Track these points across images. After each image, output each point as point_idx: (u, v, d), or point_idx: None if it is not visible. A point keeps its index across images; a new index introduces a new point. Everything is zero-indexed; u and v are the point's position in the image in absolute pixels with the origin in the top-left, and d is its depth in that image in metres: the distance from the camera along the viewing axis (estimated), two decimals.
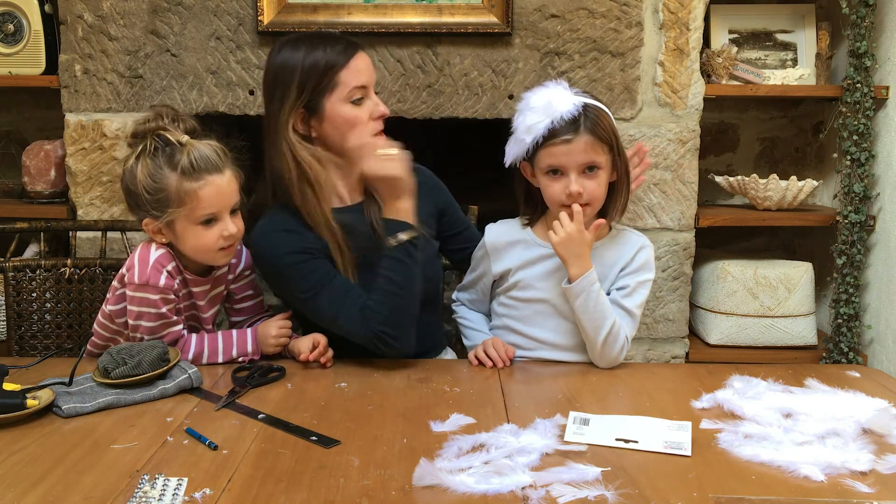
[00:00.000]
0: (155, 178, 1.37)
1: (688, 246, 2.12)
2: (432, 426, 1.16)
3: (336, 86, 1.44)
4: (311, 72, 1.43)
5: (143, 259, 1.40)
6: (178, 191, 1.37)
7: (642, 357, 2.16)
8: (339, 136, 1.47)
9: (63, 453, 1.07)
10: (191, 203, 1.37)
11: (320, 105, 1.45)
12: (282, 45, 1.48)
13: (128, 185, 1.40)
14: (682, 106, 2.06)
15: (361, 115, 1.47)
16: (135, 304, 1.40)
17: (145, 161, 1.38)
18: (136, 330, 1.42)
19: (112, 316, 1.48)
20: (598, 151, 1.40)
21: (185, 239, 1.41)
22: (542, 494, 0.95)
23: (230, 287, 1.56)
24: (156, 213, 1.39)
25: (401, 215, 1.44)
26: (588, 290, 1.40)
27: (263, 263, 1.51)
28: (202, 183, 1.37)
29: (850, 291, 2.13)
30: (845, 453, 1.06)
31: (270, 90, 1.48)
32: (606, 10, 2.01)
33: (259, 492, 0.96)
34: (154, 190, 1.37)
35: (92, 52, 2.01)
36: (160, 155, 1.38)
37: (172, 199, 1.37)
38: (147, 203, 1.38)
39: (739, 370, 1.38)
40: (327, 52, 1.44)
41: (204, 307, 1.50)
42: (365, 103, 1.47)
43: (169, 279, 1.40)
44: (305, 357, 1.43)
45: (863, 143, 2.09)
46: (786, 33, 2.28)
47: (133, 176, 1.38)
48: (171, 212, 1.37)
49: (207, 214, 1.39)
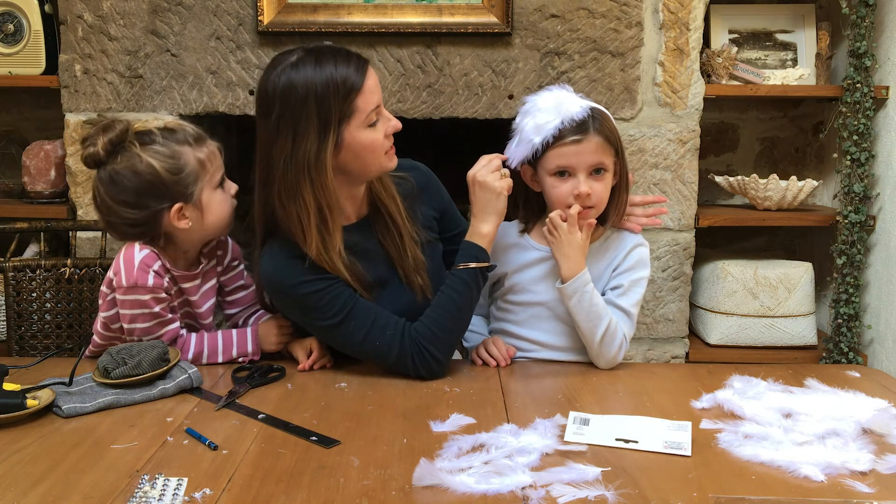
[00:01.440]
0: (175, 157, 1.37)
1: (688, 246, 2.12)
2: (432, 426, 1.15)
3: (353, 113, 1.32)
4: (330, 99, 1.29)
5: (129, 261, 1.39)
6: (198, 160, 1.39)
7: (642, 357, 2.16)
8: (359, 163, 1.37)
9: (63, 453, 1.07)
10: (208, 168, 1.41)
11: (340, 136, 1.33)
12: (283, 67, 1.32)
13: (141, 183, 1.35)
14: (682, 106, 2.06)
15: (379, 137, 1.36)
16: (127, 307, 1.40)
17: (150, 150, 1.37)
18: (131, 333, 1.41)
19: (107, 323, 1.47)
20: (607, 153, 1.40)
21: (210, 209, 1.42)
22: (542, 494, 0.95)
23: (220, 279, 1.55)
24: (185, 194, 1.39)
25: (482, 242, 1.43)
26: (581, 291, 1.41)
27: (280, 295, 1.42)
28: (209, 147, 1.42)
29: (850, 291, 2.13)
30: (845, 453, 1.06)
31: (277, 120, 1.31)
32: (606, 10, 2.01)
33: (259, 492, 0.96)
34: (177, 169, 1.37)
35: (92, 52, 2.01)
36: (163, 138, 1.38)
37: (196, 170, 1.39)
38: (172, 187, 1.37)
39: (739, 370, 1.38)
40: (339, 75, 1.30)
41: (198, 302, 1.49)
42: (380, 123, 1.37)
43: (157, 278, 1.39)
44: (303, 367, 1.43)
45: (863, 143, 2.09)
46: (786, 33, 2.28)
47: (150, 167, 1.35)
48: (200, 184, 1.40)
49: (220, 175, 1.44)
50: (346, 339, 1.39)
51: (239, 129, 2.53)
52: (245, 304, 1.59)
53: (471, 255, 1.42)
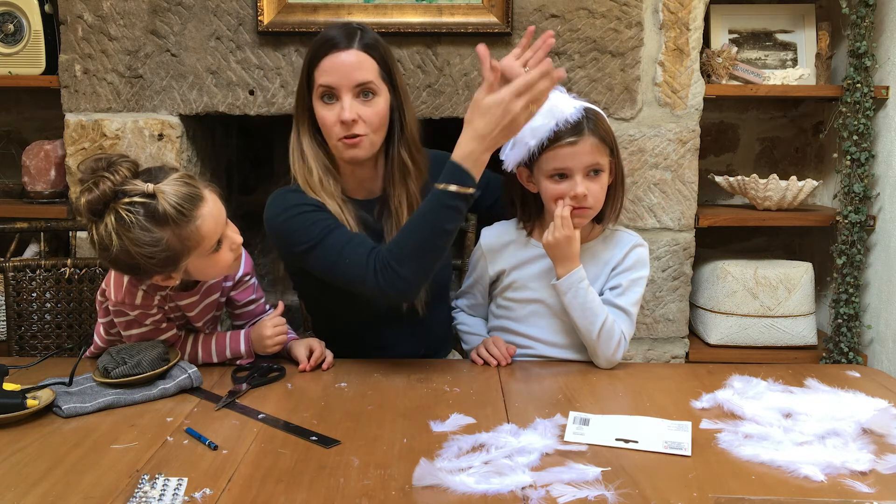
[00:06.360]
0: (151, 243, 1.24)
1: (688, 246, 2.12)
2: (432, 426, 1.16)
3: (313, 82, 1.44)
4: (305, 65, 1.46)
5: (118, 280, 1.37)
6: (180, 241, 1.26)
7: (642, 357, 2.16)
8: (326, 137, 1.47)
9: (63, 453, 1.07)
10: (198, 243, 1.29)
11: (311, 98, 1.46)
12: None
13: (125, 263, 1.27)
14: (682, 106, 2.06)
15: (328, 116, 1.43)
16: (119, 317, 1.41)
17: (127, 234, 1.23)
18: (129, 339, 1.42)
19: (106, 328, 1.47)
20: (602, 153, 1.40)
21: (202, 272, 1.36)
22: (542, 494, 0.95)
23: (230, 294, 1.53)
24: (170, 269, 1.30)
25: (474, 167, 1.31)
26: (576, 287, 1.41)
27: (270, 223, 1.48)
28: (198, 221, 1.28)
29: (850, 291, 2.13)
30: (845, 453, 1.06)
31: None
32: (606, 10, 2.01)
33: (259, 492, 0.96)
34: (155, 254, 1.25)
35: (92, 52, 2.01)
36: (139, 219, 1.23)
37: (180, 251, 1.27)
38: (154, 266, 1.27)
39: (739, 370, 1.38)
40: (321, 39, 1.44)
41: (195, 317, 1.47)
42: (335, 105, 1.42)
43: (147, 298, 1.37)
44: (304, 367, 1.42)
45: (863, 143, 2.09)
46: (786, 33, 2.28)
47: (126, 253, 1.24)
48: (184, 262, 1.30)
49: (215, 242, 1.33)
50: (321, 260, 1.42)
51: (239, 129, 2.54)
52: (254, 316, 1.57)
53: (455, 178, 1.31)
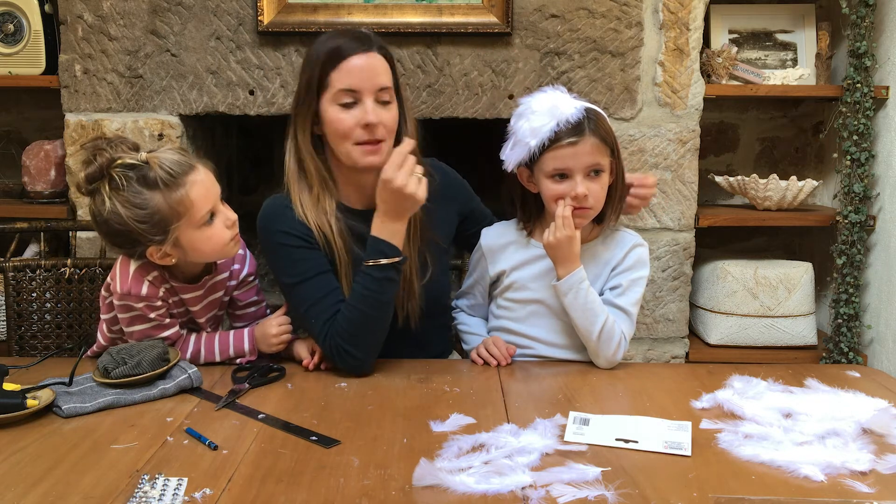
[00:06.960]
0: (141, 206, 1.29)
1: (688, 246, 2.12)
2: (432, 426, 1.15)
3: (327, 85, 1.40)
4: (315, 68, 1.41)
5: (124, 270, 1.38)
6: (170, 205, 1.30)
7: (642, 357, 2.16)
8: (334, 142, 1.43)
9: (63, 453, 1.07)
10: (187, 209, 1.32)
11: (319, 104, 1.42)
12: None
13: (115, 227, 1.31)
14: (682, 106, 2.06)
15: (345, 119, 1.40)
16: (122, 312, 1.40)
17: (118, 195, 1.29)
18: (130, 336, 1.42)
19: (109, 325, 1.47)
20: (603, 154, 1.40)
21: (196, 247, 1.36)
22: (542, 494, 0.95)
23: (233, 293, 1.53)
24: (159, 238, 1.32)
25: (393, 238, 1.39)
26: (577, 288, 1.41)
27: (263, 236, 1.47)
28: (188, 186, 1.31)
29: (850, 291, 2.13)
30: (845, 453, 1.06)
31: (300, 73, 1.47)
32: (606, 10, 2.01)
33: (259, 492, 0.96)
34: (145, 217, 1.30)
35: (92, 52, 2.01)
36: (132, 182, 1.29)
37: (169, 215, 1.31)
38: (145, 233, 1.31)
39: (739, 370, 1.38)
40: (334, 44, 1.40)
41: (198, 313, 1.48)
42: (354, 108, 1.40)
43: (152, 288, 1.38)
44: (308, 363, 1.43)
45: (863, 143, 2.09)
46: (786, 33, 2.28)
47: (117, 215, 1.29)
48: (173, 228, 1.31)
49: (206, 213, 1.34)
50: (294, 303, 1.46)
51: (239, 129, 2.54)
52: (254, 318, 1.57)
53: (380, 252, 1.38)
